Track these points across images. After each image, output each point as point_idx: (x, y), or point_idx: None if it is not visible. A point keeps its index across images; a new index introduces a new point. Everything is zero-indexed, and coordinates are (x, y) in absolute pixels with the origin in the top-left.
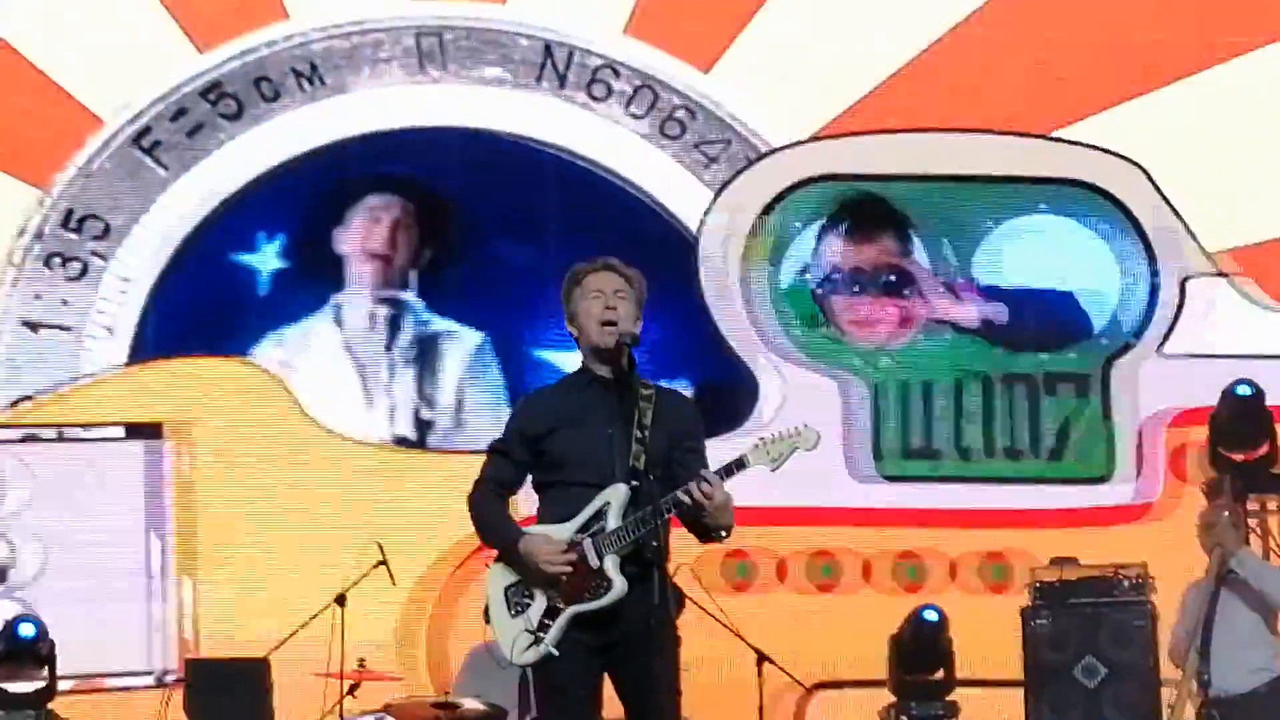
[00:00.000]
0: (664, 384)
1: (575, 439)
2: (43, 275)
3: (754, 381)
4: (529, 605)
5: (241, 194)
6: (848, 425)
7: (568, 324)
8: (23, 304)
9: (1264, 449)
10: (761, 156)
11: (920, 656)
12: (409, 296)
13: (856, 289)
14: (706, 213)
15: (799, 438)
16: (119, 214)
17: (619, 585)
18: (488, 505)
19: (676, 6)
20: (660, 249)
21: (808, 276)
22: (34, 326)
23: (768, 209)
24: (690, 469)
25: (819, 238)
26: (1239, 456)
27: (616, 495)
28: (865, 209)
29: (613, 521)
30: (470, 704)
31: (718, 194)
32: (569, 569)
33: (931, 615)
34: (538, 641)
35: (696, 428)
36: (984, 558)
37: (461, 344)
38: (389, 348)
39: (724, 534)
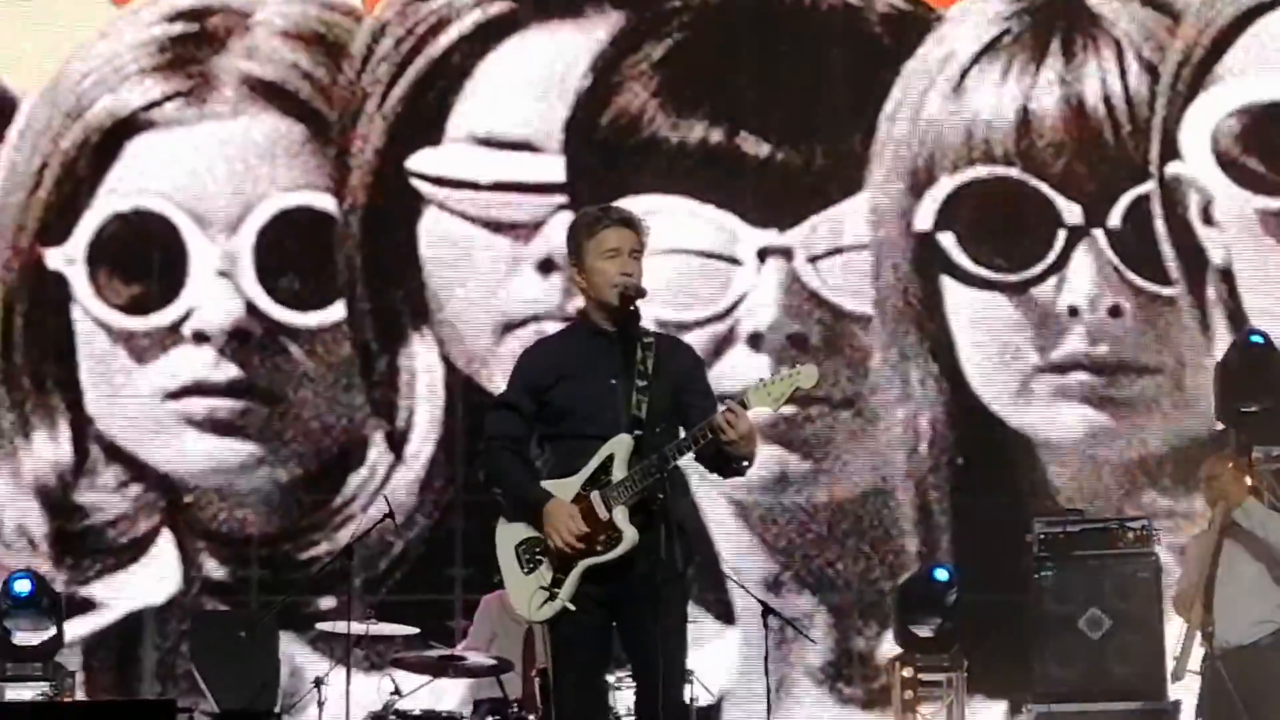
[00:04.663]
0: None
1: (579, 390)
2: None
3: None
4: (541, 561)
5: None
6: None
7: (573, 271)
8: None
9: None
10: None
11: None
12: None
13: None
14: None
15: (799, 375)
16: None
17: (630, 536)
18: (506, 463)
19: None
20: None
21: None
22: None
23: None
24: (701, 411)
25: None
26: (1247, 408)
27: (621, 446)
28: None
29: (619, 472)
30: (475, 657)
31: None
32: (581, 546)
33: (942, 574)
34: (553, 597)
35: (699, 371)
36: None
37: None
38: None
39: (746, 464)
